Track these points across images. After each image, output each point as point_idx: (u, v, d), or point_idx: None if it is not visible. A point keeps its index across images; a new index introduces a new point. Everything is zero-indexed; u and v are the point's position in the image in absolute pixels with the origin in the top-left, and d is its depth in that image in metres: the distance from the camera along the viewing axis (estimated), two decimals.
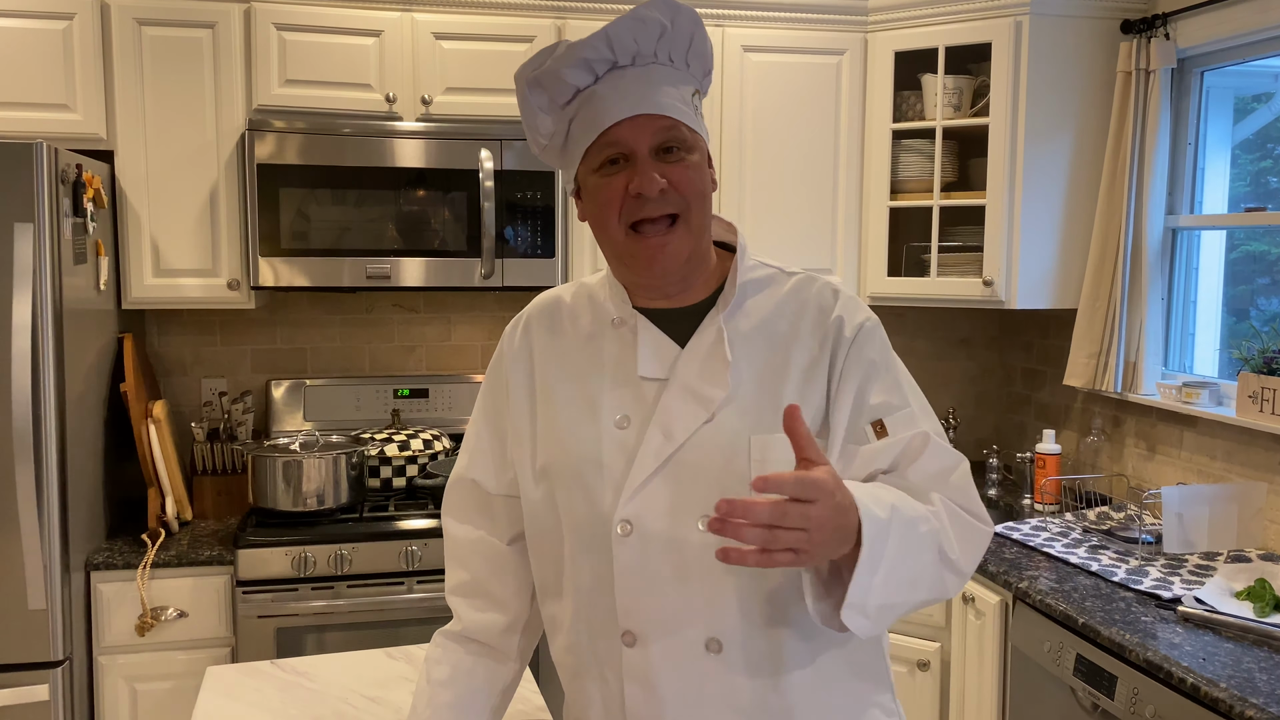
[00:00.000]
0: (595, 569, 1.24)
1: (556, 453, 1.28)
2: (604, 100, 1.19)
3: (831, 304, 1.29)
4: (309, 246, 2.79)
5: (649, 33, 1.19)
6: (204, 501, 2.94)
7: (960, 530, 1.19)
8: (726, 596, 1.20)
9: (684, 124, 1.20)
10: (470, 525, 1.40)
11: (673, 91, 1.21)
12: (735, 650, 1.20)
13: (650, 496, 1.21)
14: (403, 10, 2.88)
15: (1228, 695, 1.75)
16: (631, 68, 1.20)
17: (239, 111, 2.81)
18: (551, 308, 1.37)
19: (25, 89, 2.69)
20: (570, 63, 1.19)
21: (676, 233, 1.21)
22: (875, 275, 3.18)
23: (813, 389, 1.24)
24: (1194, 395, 2.71)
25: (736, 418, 1.22)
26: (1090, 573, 2.39)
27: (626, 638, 1.22)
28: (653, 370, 1.25)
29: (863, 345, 1.26)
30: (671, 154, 1.20)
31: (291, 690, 1.76)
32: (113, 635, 2.58)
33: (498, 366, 1.38)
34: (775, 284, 1.31)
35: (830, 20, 3.11)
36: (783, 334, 1.26)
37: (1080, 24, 2.94)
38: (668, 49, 1.21)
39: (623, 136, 1.19)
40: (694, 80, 1.26)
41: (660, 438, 1.21)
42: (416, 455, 2.99)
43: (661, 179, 1.18)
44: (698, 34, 1.23)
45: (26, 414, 2.32)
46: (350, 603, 2.63)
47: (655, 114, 1.19)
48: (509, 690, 1.41)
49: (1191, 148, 2.90)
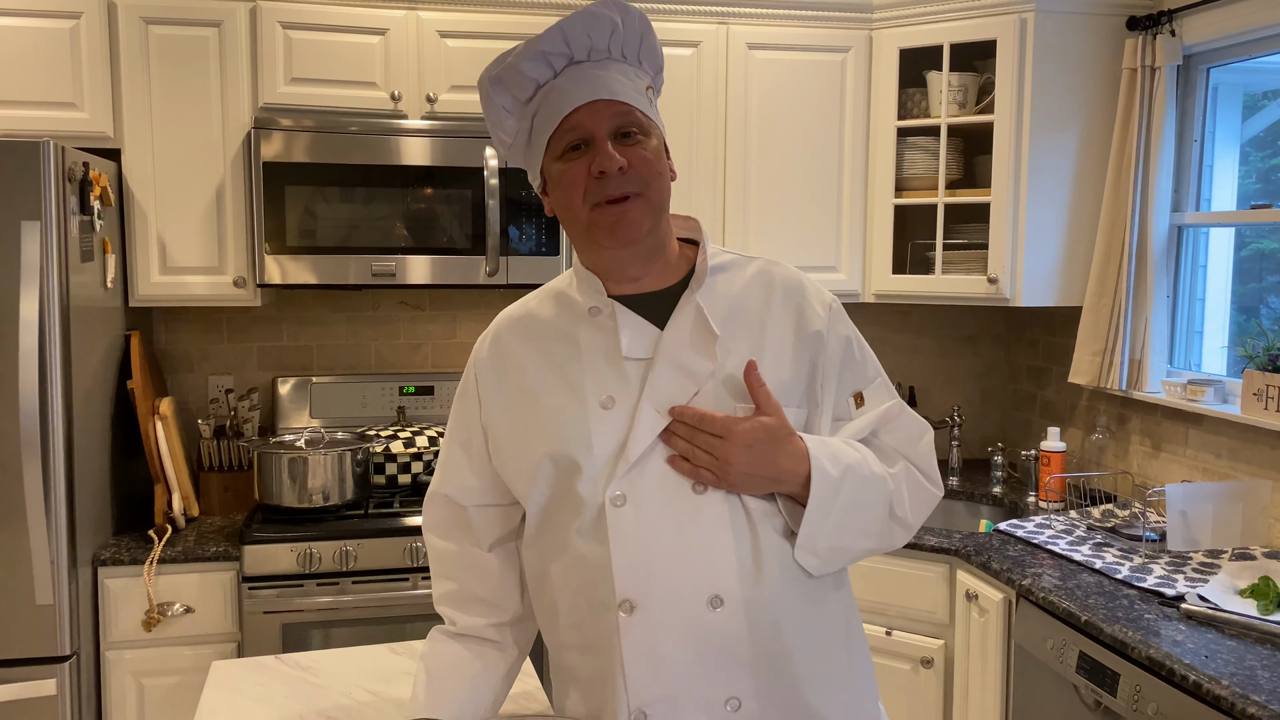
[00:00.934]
0: (591, 545, 1.26)
1: (544, 442, 1.30)
2: (563, 91, 1.27)
3: (798, 285, 1.38)
4: (315, 244, 2.80)
5: (601, 29, 1.27)
6: (210, 498, 2.95)
7: (914, 492, 1.37)
8: (725, 554, 1.24)
9: (639, 110, 1.28)
10: (450, 540, 1.44)
11: (627, 83, 1.28)
12: (736, 604, 1.24)
13: (645, 469, 1.26)
14: (408, 8, 2.89)
15: (1230, 693, 1.75)
16: (587, 62, 1.28)
17: (245, 110, 2.83)
18: (518, 316, 1.41)
19: (33, 88, 2.71)
20: (529, 57, 1.26)
21: (635, 204, 1.26)
22: (880, 272, 3.18)
23: (791, 360, 1.32)
24: (1199, 393, 2.70)
25: (720, 389, 1.28)
26: (1094, 570, 2.39)
27: (624, 606, 1.24)
28: (637, 350, 1.30)
29: (836, 324, 1.37)
30: (629, 138, 1.27)
31: (295, 685, 1.77)
32: (119, 630, 2.60)
33: (468, 382, 1.42)
34: (737, 268, 1.38)
35: (835, 18, 3.11)
36: (755, 312, 1.34)
37: (1085, 21, 2.94)
38: (620, 45, 1.29)
39: (582, 121, 1.25)
40: (647, 76, 1.33)
41: (652, 413, 1.26)
42: (421, 452, 3.00)
43: (620, 157, 1.24)
44: (647, 34, 1.31)
45: (34, 411, 2.33)
46: (355, 599, 2.65)
47: (611, 99, 1.26)
48: (510, 676, 1.44)
49: (1197, 145, 2.89)
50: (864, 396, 1.38)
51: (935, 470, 1.40)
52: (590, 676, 1.30)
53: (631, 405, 1.28)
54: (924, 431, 1.39)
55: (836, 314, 1.38)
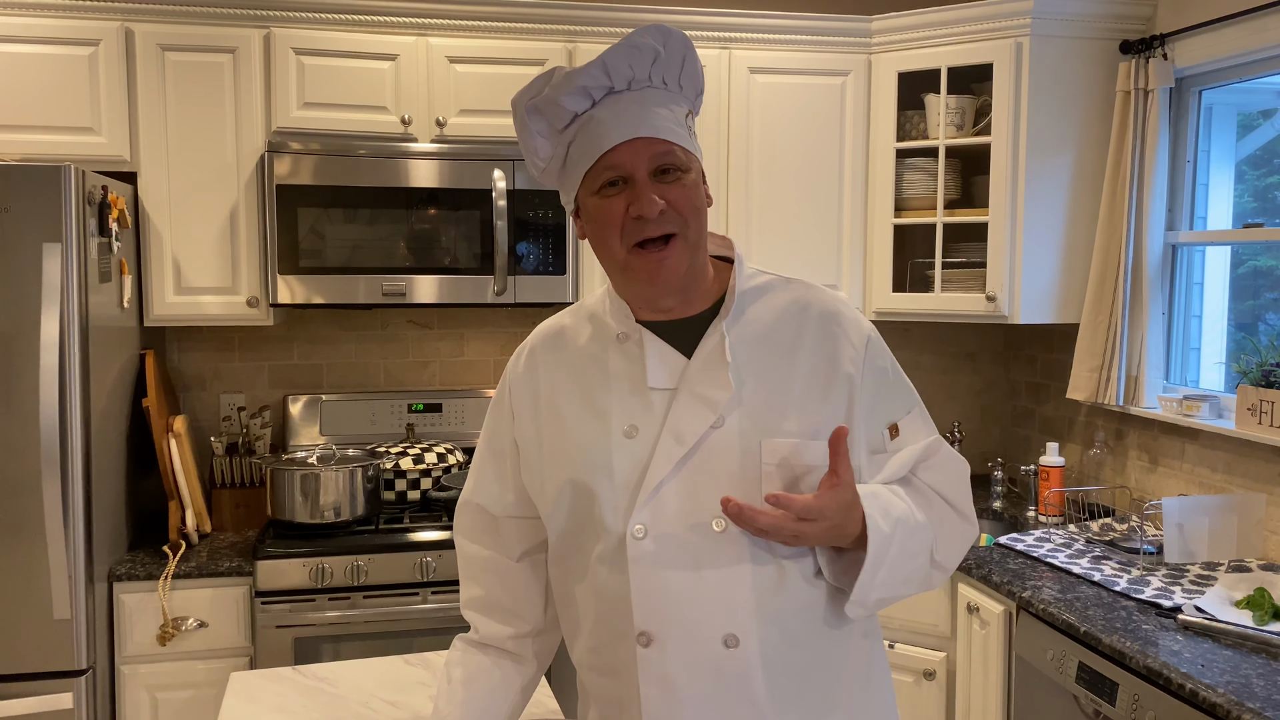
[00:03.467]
0: (612, 574, 1.27)
1: (568, 465, 1.31)
2: (602, 124, 1.24)
3: (834, 314, 1.34)
4: (326, 265, 2.86)
5: (643, 59, 1.24)
6: (223, 514, 3.00)
7: (952, 533, 1.35)
8: (743, 594, 1.24)
9: (679, 145, 1.25)
10: (480, 545, 1.46)
11: (667, 114, 1.25)
12: (751, 644, 1.24)
13: (664, 500, 1.25)
14: (418, 35, 2.96)
15: (1225, 701, 1.80)
16: (627, 92, 1.25)
17: (259, 134, 2.89)
18: (554, 333, 1.41)
19: (53, 113, 2.77)
20: (568, 90, 1.24)
21: (674, 247, 1.25)
22: (880, 291, 3.24)
23: (821, 394, 1.30)
24: (1194, 408, 2.75)
25: (744, 420, 1.26)
26: (1093, 583, 2.43)
27: (642, 639, 1.25)
28: (662, 381, 1.29)
29: (873, 356, 1.34)
30: (668, 175, 1.24)
31: (313, 695, 1.81)
32: (134, 645, 2.64)
33: (502, 395, 1.43)
34: (774, 291, 1.35)
35: (835, 42, 3.18)
36: (786, 340, 1.31)
37: (1080, 45, 3.00)
38: (661, 73, 1.26)
39: (621, 160, 1.23)
40: (687, 101, 1.31)
41: (672, 442, 1.25)
42: (430, 469, 3.04)
43: (660, 200, 1.23)
44: (689, 56, 1.28)
45: (54, 428, 2.38)
46: (366, 613, 2.69)
47: (651, 137, 1.23)
48: (528, 689, 1.46)
49: (1190, 165, 2.95)
50: (899, 428, 1.35)
51: (971, 509, 1.38)
52: (609, 699, 1.32)
53: (654, 434, 1.27)
54: (962, 470, 1.37)
55: (874, 347, 1.35)
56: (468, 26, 2.97)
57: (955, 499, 1.35)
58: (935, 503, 1.34)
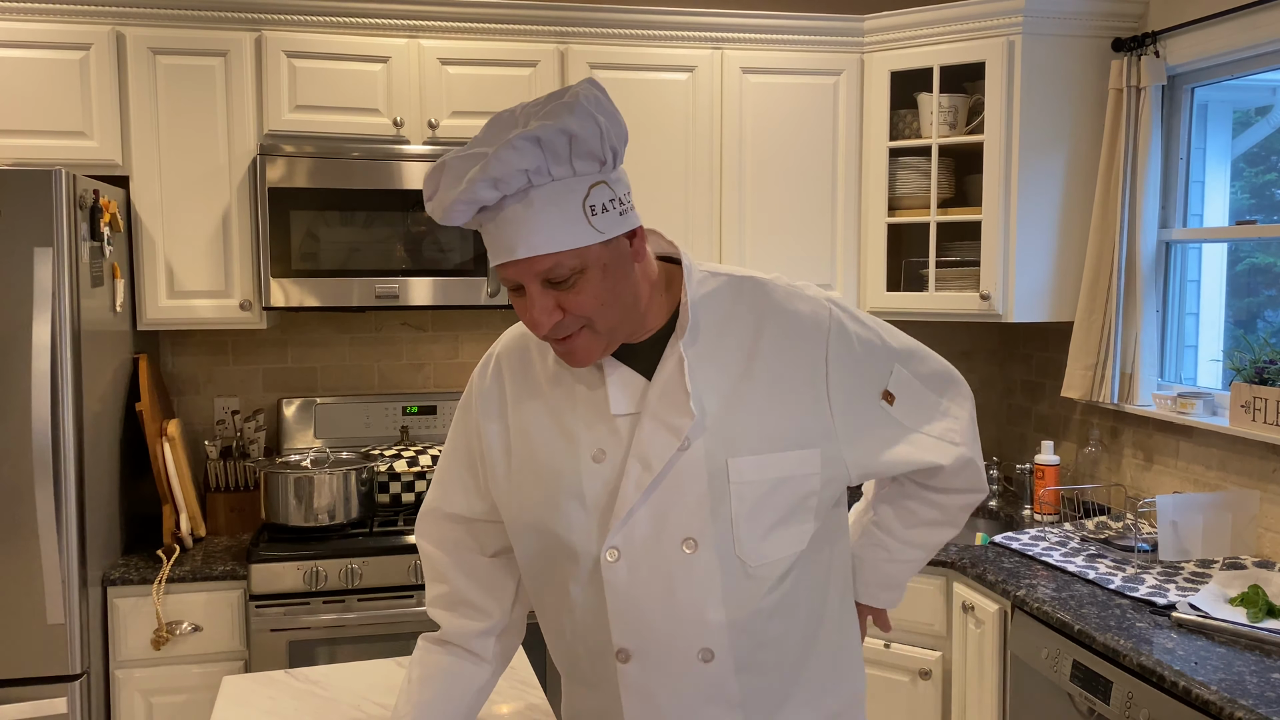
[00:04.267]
0: (586, 595, 1.30)
1: (538, 489, 1.32)
2: (489, 236, 1.20)
3: (789, 309, 1.32)
4: (319, 267, 2.86)
5: (512, 182, 1.14)
6: (217, 518, 3.00)
7: (965, 513, 1.52)
8: (715, 609, 1.27)
9: (566, 252, 1.17)
10: (445, 549, 1.46)
11: (553, 217, 1.16)
12: (725, 656, 1.28)
13: (636, 525, 1.26)
14: (409, 37, 2.95)
15: (1218, 698, 1.79)
16: (508, 201, 1.16)
17: (250, 136, 2.89)
18: (520, 344, 1.40)
19: (44, 117, 2.77)
20: (443, 213, 1.18)
21: (582, 337, 1.23)
22: (875, 290, 3.24)
23: (785, 401, 1.29)
24: (1189, 406, 2.75)
25: (710, 441, 1.26)
26: (1087, 581, 2.43)
27: (621, 655, 1.29)
28: (623, 406, 1.28)
29: (836, 345, 1.32)
30: (562, 283, 1.19)
31: (305, 698, 1.81)
32: (129, 649, 2.63)
33: (468, 407, 1.42)
34: (725, 295, 1.32)
35: (827, 42, 3.18)
36: (744, 349, 1.30)
37: (1072, 43, 3.00)
38: (544, 172, 1.15)
39: (509, 275, 1.20)
40: (586, 177, 1.18)
41: (639, 469, 1.25)
42: (425, 471, 3.04)
43: (555, 311, 1.20)
44: (575, 141, 1.14)
45: (46, 432, 2.38)
46: (360, 616, 2.69)
47: (531, 257, 1.17)
48: (484, 690, 1.47)
49: (1183, 162, 2.95)
50: (891, 393, 1.36)
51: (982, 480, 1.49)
52: (594, 709, 1.37)
53: (621, 459, 1.27)
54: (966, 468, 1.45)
55: (835, 334, 1.32)
56: (459, 29, 2.97)
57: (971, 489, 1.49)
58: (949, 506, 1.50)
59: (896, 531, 1.52)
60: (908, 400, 1.38)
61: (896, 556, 1.53)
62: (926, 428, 1.40)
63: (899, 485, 1.51)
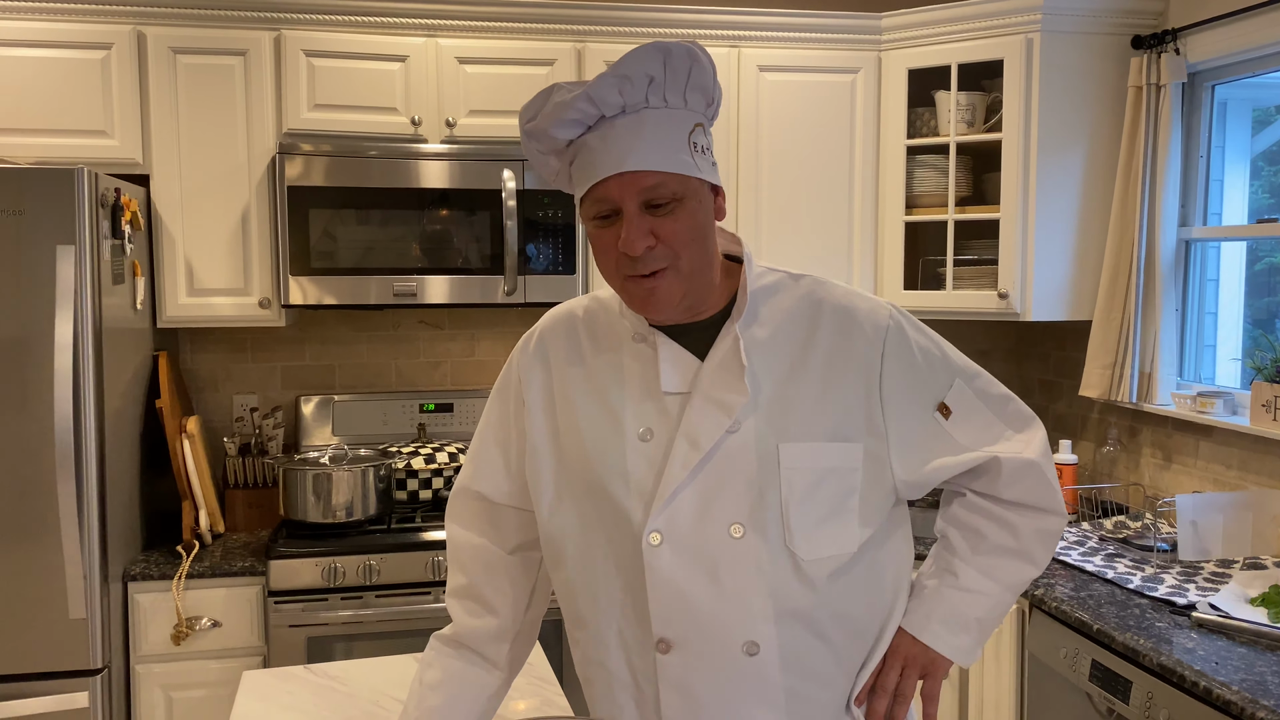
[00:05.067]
0: (627, 580, 1.26)
1: (582, 468, 1.29)
2: (593, 153, 1.20)
3: (847, 309, 1.30)
4: (338, 266, 2.87)
5: (635, 87, 1.18)
6: (236, 514, 3.01)
7: (1042, 541, 1.37)
8: (762, 600, 1.22)
9: (672, 174, 1.19)
10: (473, 532, 1.43)
11: (663, 139, 1.19)
12: (771, 651, 1.23)
13: (681, 506, 1.23)
14: (427, 36, 2.96)
15: (1240, 698, 1.78)
16: (621, 117, 1.19)
17: (270, 135, 2.90)
18: (566, 322, 1.38)
19: (66, 116, 2.79)
20: (555, 121, 1.20)
21: (664, 279, 1.22)
22: (892, 289, 3.23)
23: (838, 394, 1.27)
24: (1209, 405, 2.73)
25: (761, 424, 1.24)
26: (1106, 580, 2.42)
27: (661, 645, 1.24)
28: (675, 385, 1.26)
29: (894, 346, 1.29)
30: (660, 208, 1.19)
31: (324, 694, 1.82)
32: (149, 644, 2.65)
33: (508, 380, 1.40)
34: (784, 289, 1.32)
35: (844, 39, 3.17)
36: (800, 339, 1.28)
37: (1091, 40, 2.99)
38: (660, 92, 1.20)
39: (610, 194, 1.19)
40: (694, 115, 1.23)
41: (687, 447, 1.23)
42: (442, 468, 3.05)
43: (649, 236, 1.19)
44: (695, 69, 1.20)
45: (68, 429, 2.40)
46: (378, 612, 2.70)
47: (639, 171, 1.18)
48: (495, 698, 1.43)
49: (1204, 160, 2.93)
50: (948, 405, 1.31)
51: (1053, 497, 1.35)
52: (625, 703, 1.30)
53: (668, 438, 1.25)
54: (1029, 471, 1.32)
55: (894, 336, 1.30)
56: (477, 27, 2.98)
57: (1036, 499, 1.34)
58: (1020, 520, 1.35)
59: (963, 553, 1.37)
60: (967, 417, 1.32)
61: (965, 584, 1.34)
62: (987, 448, 1.32)
63: (963, 504, 1.39)
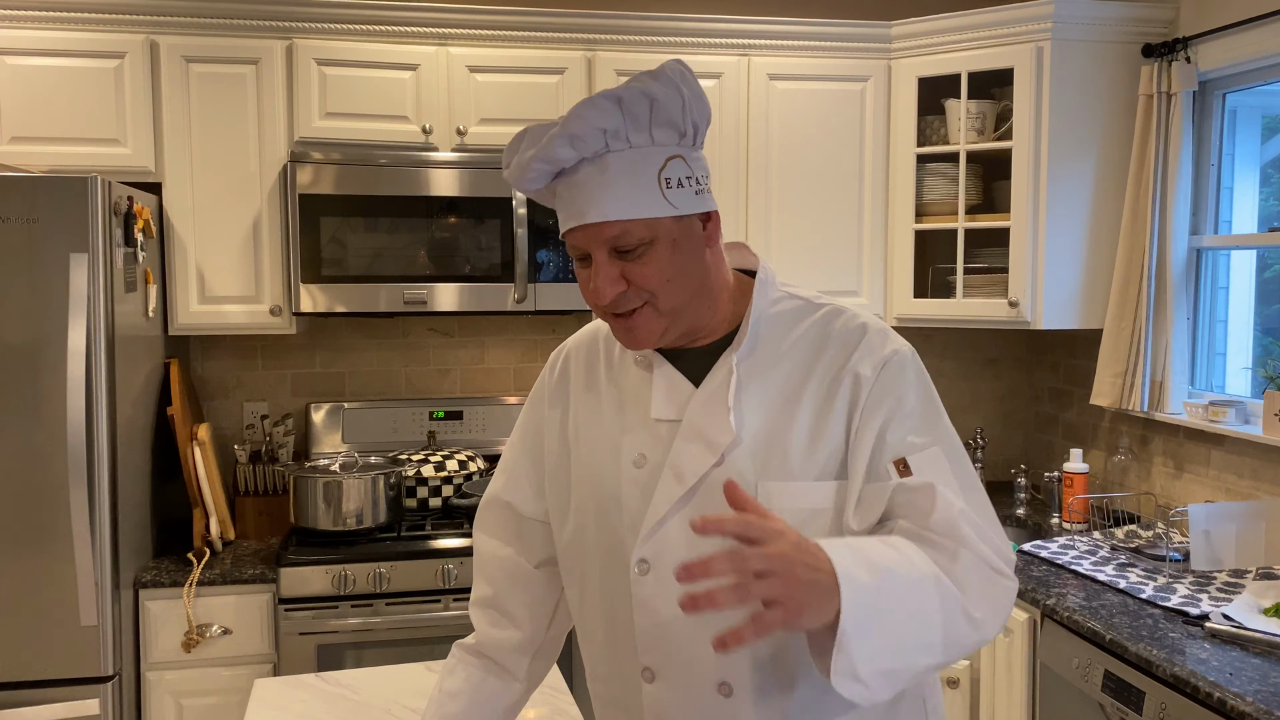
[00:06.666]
0: (616, 605, 1.27)
1: (584, 491, 1.31)
2: (561, 201, 1.20)
3: (856, 340, 1.24)
4: (348, 273, 2.88)
5: (588, 142, 1.15)
6: (246, 521, 3.02)
7: (985, 586, 1.13)
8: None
9: (636, 221, 1.16)
10: (500, 542, 1.44)
11: (628, 184, 1.15)
12: (745, 694, 1.21)
13: (666, 537, 1.22)
14: (438, 45, 2.97)
15: (1254, 709, 1.77)
16: (585, 164, 1.17)
17: (281, 144, 2.91)
18: (589, 344, 1.39)
19: (79, 125, 2.81)
20: (519, 178, 1.20)
21: (643, 314, 1.20)
22: (901, 297, 3.23)
23: (826, 429, 1.21)
24: (1220, 414, 2.72)
25: (746, 460, 1.21)
26: (1118, 590, 2.41)
27: (645, 674, 1.25)
28: (665, 412, 1.25)
29: (886, 382, 1.21)
30: (629, 253, 1.17)
31: (336, 702, 1.82)
32: (160, 651, 2.66)
33: (539, 398, 1.42)
34: (800, 317, 1.27)
35: (854, 48, 3.18)
36: (799, 372, 1.24)
37: (1101, 48, 2.99)
38: (623, 137, 1.16)
39: (578, 242, 1.19)
40: (664, 150, 1.18)
41: (672, 479, 1.22)
42: (452, 476, 3.05)
43: (619, 281, 1.18)
44: (655, 107, 1.15)
45: (80, 437, 2.41)
46: (388, 620, 2.70)
47: (601, 222, 1.16)
48: (514, 709, 1.43)
49: (1215, 168, 2.93)
50: (910, 464, 1.17)
51: (996, 557, 1.15)
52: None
53: (658, 466, 1.24)
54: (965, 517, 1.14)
55: (891, 371, 1.21)
56: (488, 36, 2.99)
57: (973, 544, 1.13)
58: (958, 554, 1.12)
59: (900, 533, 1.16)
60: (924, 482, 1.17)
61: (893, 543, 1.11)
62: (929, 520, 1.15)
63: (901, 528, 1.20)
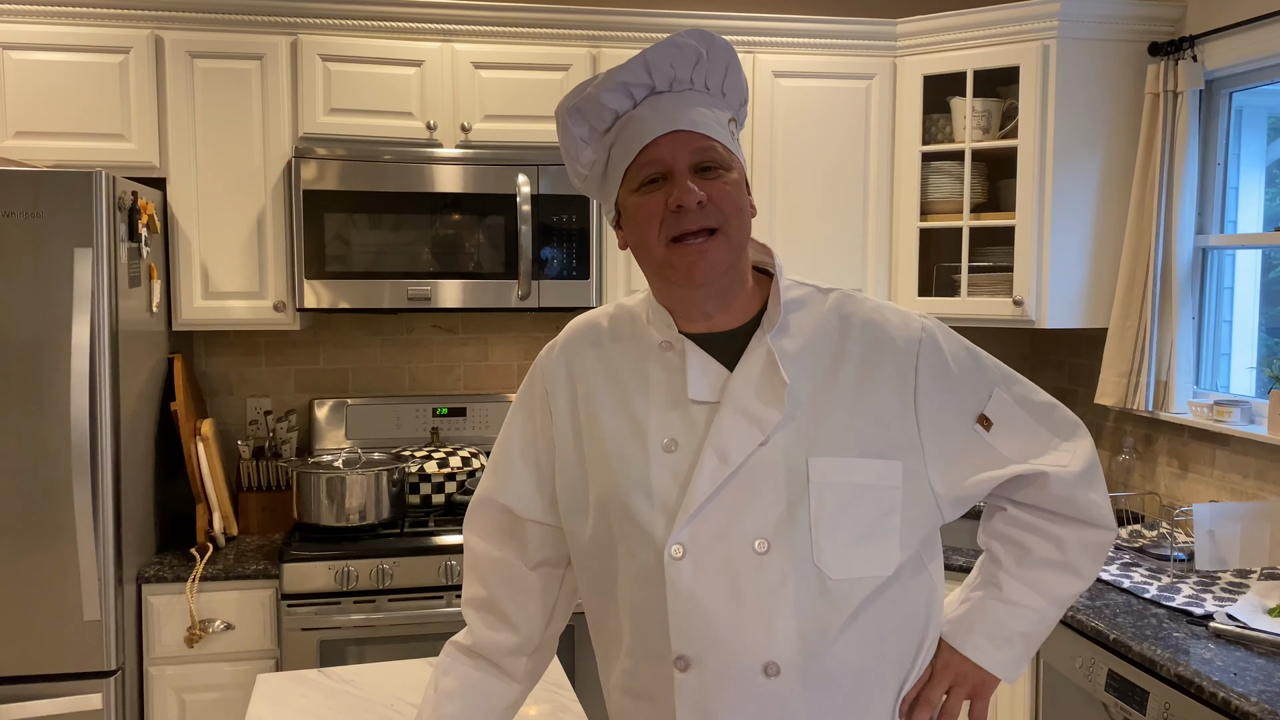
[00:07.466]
0: (649, 594, 1.22)
1: (606, 480, 1.26)
2: (643, 121, 1.23)
3: (878, 321, 1.29)
4: (352, 269, 2.88)
5: (685, 59, 1.23)
6: (249, 517, 3.02)
7: (1091, 555, 1.35)
8: (785, 619, 1.18)
9: (720, 143, 1.24)
10: (494, 545, 1.39)
11: (709, 114, 1.24)
12: (793, 673, 1.19)
13: (705, 520, 1.20)
14: (443, 41, 2.97)
15: (1259, 709, 1.77)
16: (669, 93, 1.25)
17: (285, 139, 2.91)
18: (590, 331, 1.36)
19: (84, 120, 2.81)
20: (610, 87, 1.23)
21: (715, 242, 1.22)
22: (906, 295, 3.22)
23: (870, 408, 1.24)
24: (1225, 414, 2.72)
25: (790, 438, 1.21)
26: (1122, 590, 2.41)
27: (679, 663, 1.21)
28: (703, 393, 1.24)
29: (928, 357, 1.27)
30: (709, 172, 1.22)
31: (338, 697, 1.82)
32: (162, 646, 2.66)
33: (533, 390, 1.37)
34: (813, 302, 1.30)
35: (859, 45, 3.17)
36: (829, 353, 1.26)
37: (1107, 47, 2.98)
38: (704, 76, 1.26)
39: (661, 154, 1.22)
40: (729, 108, 1.29)
41: (715, 460, 1.20)
42: (455, 472, 3.05)
43: (700, 192, 1.21)
44: (732, 65, 1.27)
45: (84, 431, 2.41)
46: (390, 616, 2.70)
47: (692, 131, 1.22)
48: (511, 709, 1.40)
49: (1220, 168, 2.92)
50: (988, 417, 1.28)
51: (1098, 510, 1.33)
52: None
53: (694, 450, 1.22)
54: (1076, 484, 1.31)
55: (927, 348, 1.28)
56: (493, 32, 2.99)
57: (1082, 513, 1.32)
58: (1066, 532, 1.33)
59: (1008, 566, 1.35)
60: (1010, 428, 1.30)
61: (1009, 597, 1.33)
62: (1033, 461, 1.30)
63: (1005, 519, 1.37)
